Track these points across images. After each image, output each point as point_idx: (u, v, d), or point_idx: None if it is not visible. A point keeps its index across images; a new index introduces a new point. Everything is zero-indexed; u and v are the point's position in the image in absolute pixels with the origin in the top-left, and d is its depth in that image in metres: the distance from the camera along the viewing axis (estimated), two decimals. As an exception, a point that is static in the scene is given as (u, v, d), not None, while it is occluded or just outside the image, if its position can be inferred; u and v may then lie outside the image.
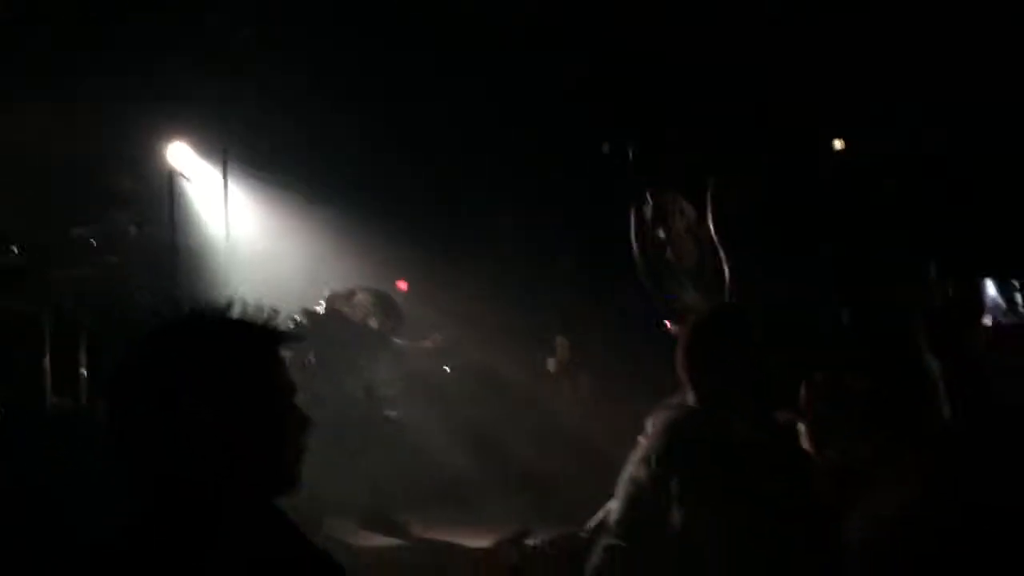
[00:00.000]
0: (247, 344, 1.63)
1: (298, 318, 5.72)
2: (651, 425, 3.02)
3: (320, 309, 5.82)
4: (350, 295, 5.84)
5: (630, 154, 5.03)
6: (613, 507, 3.00)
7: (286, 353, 1.69)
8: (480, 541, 4.55)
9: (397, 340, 6.17)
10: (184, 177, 6.69)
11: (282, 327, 1.68)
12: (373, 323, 5.75)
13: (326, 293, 5.91)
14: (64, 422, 5.40)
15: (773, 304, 4.13)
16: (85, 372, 5.62)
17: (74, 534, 3.62)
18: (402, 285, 7.72)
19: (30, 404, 5.40)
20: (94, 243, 5.96)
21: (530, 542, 4.10)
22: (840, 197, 5.26)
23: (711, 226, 4.73)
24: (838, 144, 5.99)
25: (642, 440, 3.01)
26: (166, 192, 6.45)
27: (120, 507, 1.59)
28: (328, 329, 5.67)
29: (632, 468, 2.94)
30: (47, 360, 5.45)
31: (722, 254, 4.67)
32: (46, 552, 3.57)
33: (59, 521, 3.83)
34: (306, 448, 1.66)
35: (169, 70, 6.72)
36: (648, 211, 5.10)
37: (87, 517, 3.62)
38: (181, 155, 6.79)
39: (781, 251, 4.73)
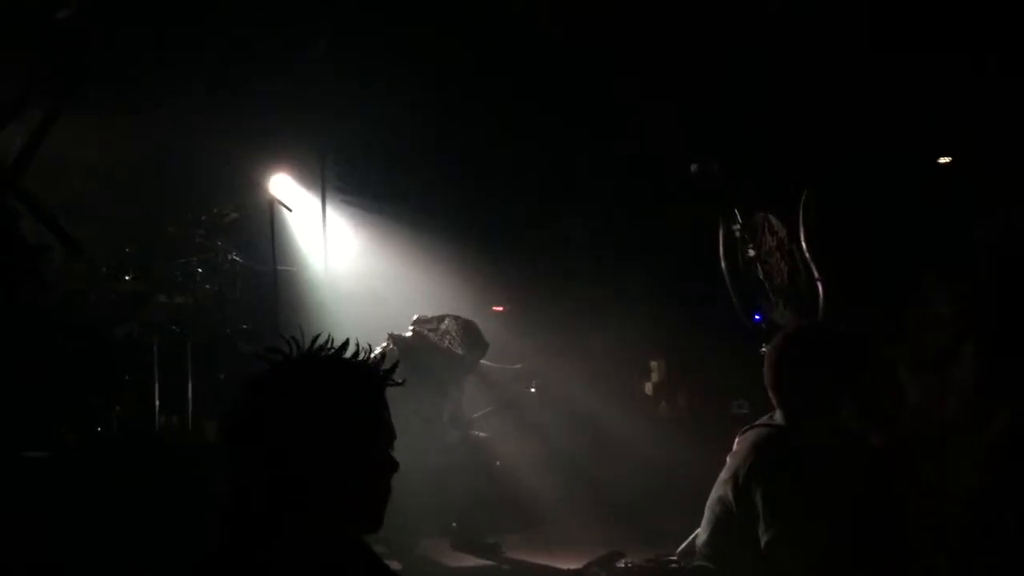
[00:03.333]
0: (355, 390, 1.71)
1: (386, 343, 5.83)
2: (738, 445, 2.99)
3: (407, 334, 5.91)
4: (438, 321, 5.93)
5: (718, 173, 4.98)
6: (701, 528, 2.97)
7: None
8: (571, 563, 4.53)
9: (485, 362, 6.22)
10: (285, 207, 6.90)
11: (385, 371, 1.75)
12: (457, 350, 5.82)
13: (414, 317, 6.01)
14: (172, 441, 5.62)
15: (865, 323, 4.02)
16: (191, 394, 5.84)
17: (177, 548, 3.75)
18: (498, 308, 7.80)
19: (141, 424, 5.63)
20: (200, 271, 6.20)
21: (620, 564, 4.07)
22: (945, 216, 5.08)
23: (803, 243, 4.65)
24: (943, 160, 5.82)
25: (729, 460, 2.97)
26: (267, 221, 6.65)
27: (216, 529, 1.67)
28: (414, 353, 5.75)
29: (719, 488, 2.92)
30: (156, 383, 5.68)
31: (815, 272, 4.58)
32: (146, 567, 3.71)
33: (164, 534, 3.98)
34: (390, 490, 1.71)
35: (271, 103, 6.97)
36: (737, 229, 5.04)
37: (188, 533, 3.76)
38: (282, 186, 7.02)
39: (877, 270, 4.61)
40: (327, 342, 1.73)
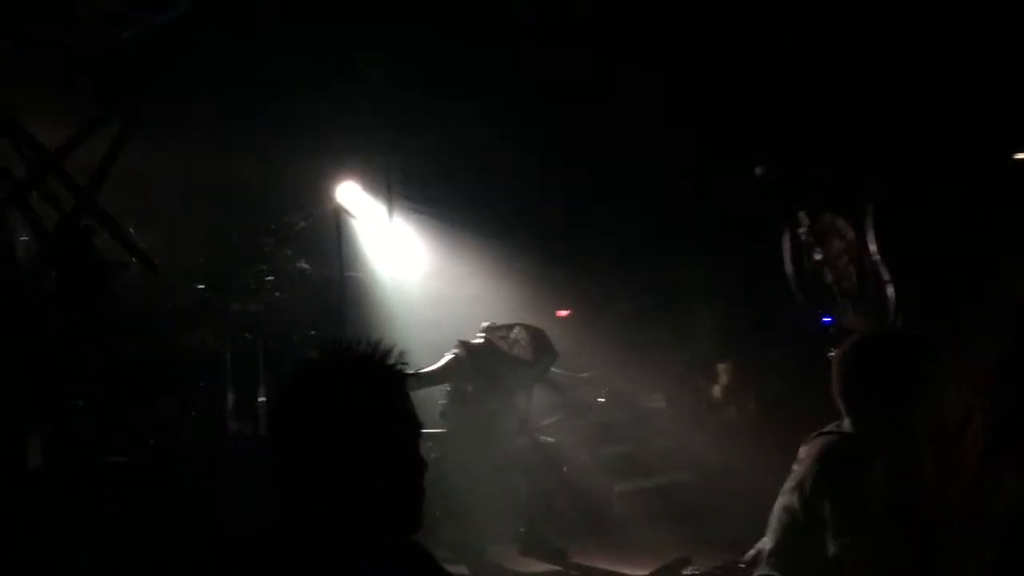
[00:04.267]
0: (365, 389, 1.67)
1: (456, 350, 5.88)
2: (804, 452, 2.95)
3: (478, 341, 5.96)
4: (508, 329, 5.97)
5: (784, 175, 4.92)
6: (768, 536, 2.94)
7: (447, 387, 1.74)
8: (638, 569, 4.52)
9: (555, 370, 6.24)
10: (351, 215, 7.00)
11: (404, 370, 1.70)
12: (527, 358, 5.86)
13: (484, 325, 6.05)
14: (244, 446, 5.73)
15: (938, 327, 3.93)
16: (262, 400, 5.96)
17: (240, 549, 3.84)
18: (562, 314, 7.81)
19: (215, 430, 5.76)
20: (270, 279, 6.32)
21: (688, 571, 4.05)
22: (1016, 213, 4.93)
23: (873, 247, 4.56)
24: (1020, 156, 5.65)
25: (796, 468, 2.93)
26: (334, 229, 6.76)
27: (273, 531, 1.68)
28: (485, 361, 5.80)
29: (786, 496, 2.88)
30: (229, 390, 5.80)
31: (885, 276, 4.49)
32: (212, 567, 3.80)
33: (231, 535, 4.07)
34: (423, 490, 1.67)
35: (339, 110, 7.07)
36: (803, 233, 4.97)
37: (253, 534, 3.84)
38: (349, 194, 7.12)
39: (948, 274, 4.49)
40: (347, 344, 1.71)
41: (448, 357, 5.90)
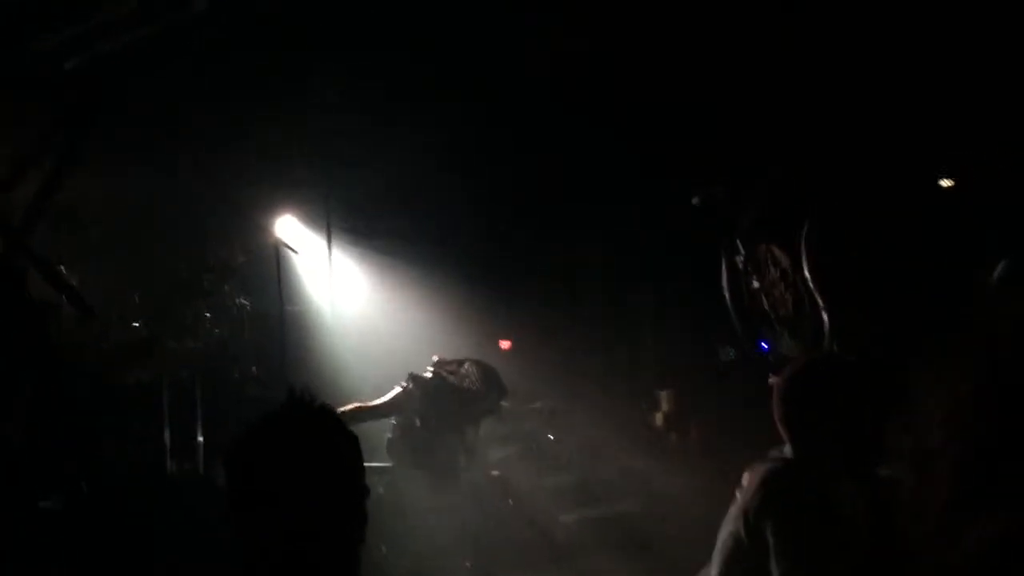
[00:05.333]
0: (333, 447, 1.78)
1: (405, 383, 5.86)
2: (747, 479, 2.99)
3: (427, 375, 5.95)
4: (459, 364, 5.97)
5: (719, 205, 5.01)
6: (713, 562, 2.96)
7: (393, 420, 1.87)
8: (586, 600, 4.52)
9: (504, 404, 6.24)
10: (291, 249, 6.94)
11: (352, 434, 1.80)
12: (480, 394, 5.86)
13: (435, 359, 6.04)
14: (183, 487, 5.62)
15: (874, 352, 4.01)
16: (201, 440, 5.86)
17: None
18: (505, 344, 7.82)
19: (152, 471, 5.64)
20: (208, 316, 6.24)
21: (635, 600, 4.05)
22: (950, 240, 5.06)
23: (807, 273, 4.66)
24: (946, 183, 5.82)
25: (739, 495, 2.97)
26: (274, 263, 6.70)
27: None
28: (434, 395, 5.80)
29: (730, 524, 2.91)
30: (167, 428, 5.70)
31: (820, 302, 4.58)
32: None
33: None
34: (363, 540, 1.78)
35: (275, 146, 7.03)
36: (741, 260, 5.06)
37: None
38: (288, 227, 7.07)
39: (883, 298, 4.60)
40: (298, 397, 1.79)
41: (396, 390, 5.88)
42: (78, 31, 4.84)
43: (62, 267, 5.13)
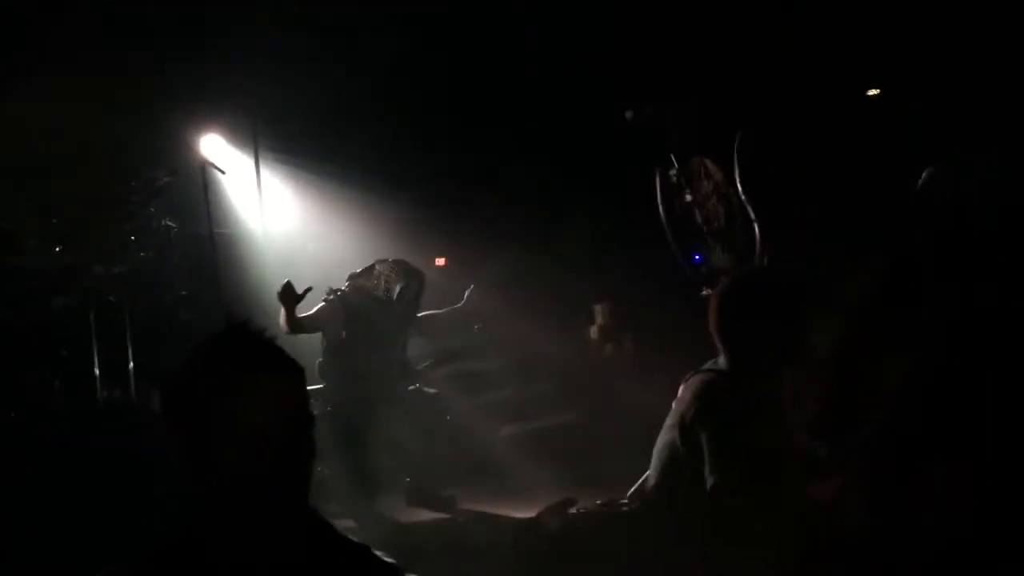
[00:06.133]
0: (270, 374, 1.70)
1: (328, 296, 5.81)
2: (683, 390, 3.04)
3: (345, 287, 5.90)
4: (369, 270, 5.92)
5: (653, 119, 4.99)
6: (650, 472, 3.03)
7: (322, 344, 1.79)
8: (524, 512, 4.59)
9: (434, 312, 6.21)
10: (218, 169, 6.76)
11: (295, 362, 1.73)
12: (398, 289, 5.80)
13: (348, 275, 5.99)
14: (114, 414, 5.54)
15: (805, 265, 4.08)
16: (132, 365, 5.75)
17: (123, 523, 3.74)
18: (440, 261, 7.79)
19: (81, 398, 5.54)
20: (133, 239, 6.07)
21: (572, 510, 4.12)
22: (876, 149, 5.12)
23: (738, 186, 4.68)
24: (872, 92, 5.87)
25: (675, 405, 3.02)
26: (200, 184, 6.52)
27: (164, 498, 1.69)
28: (354, 305, 5.76)
29: (666, 434, 2.97)
30: (96, 355, 5.59)
31: (751, 214, 4.62)
32: (94, 542, 3.69)
33: (110, 509, 3.95)
34: (312, 471, 1.72)
35: (199, 62, 6.79)
36: (674, 175, 5.07)
37: (136, 505, 3.74)
38: (214, 147, 6.87)
39: (812, 209, 4.65)
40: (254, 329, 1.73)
41: (319, 306, 5.83)
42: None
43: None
